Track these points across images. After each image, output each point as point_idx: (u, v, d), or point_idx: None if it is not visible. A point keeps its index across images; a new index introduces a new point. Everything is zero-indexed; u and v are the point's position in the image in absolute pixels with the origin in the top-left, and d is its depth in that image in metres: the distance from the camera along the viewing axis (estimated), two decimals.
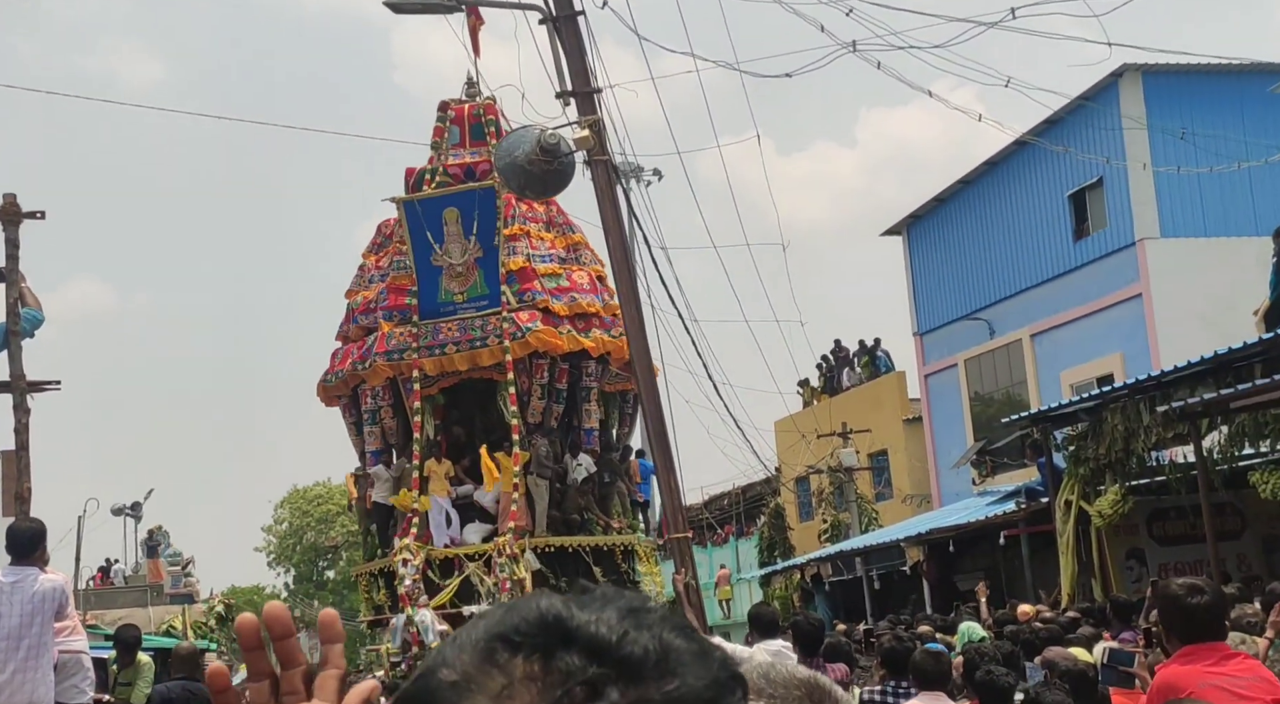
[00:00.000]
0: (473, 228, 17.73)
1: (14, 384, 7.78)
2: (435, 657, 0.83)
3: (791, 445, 31.20)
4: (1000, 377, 28.28)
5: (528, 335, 17.26)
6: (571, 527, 17.56)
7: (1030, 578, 17.77)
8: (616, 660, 0.79)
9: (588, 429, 18.20)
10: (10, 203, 7.90)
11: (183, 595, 30.03)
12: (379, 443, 18.55)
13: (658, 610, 0.85)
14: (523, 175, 10.64)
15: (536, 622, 0.81)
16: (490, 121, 18.93)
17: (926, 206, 30.22)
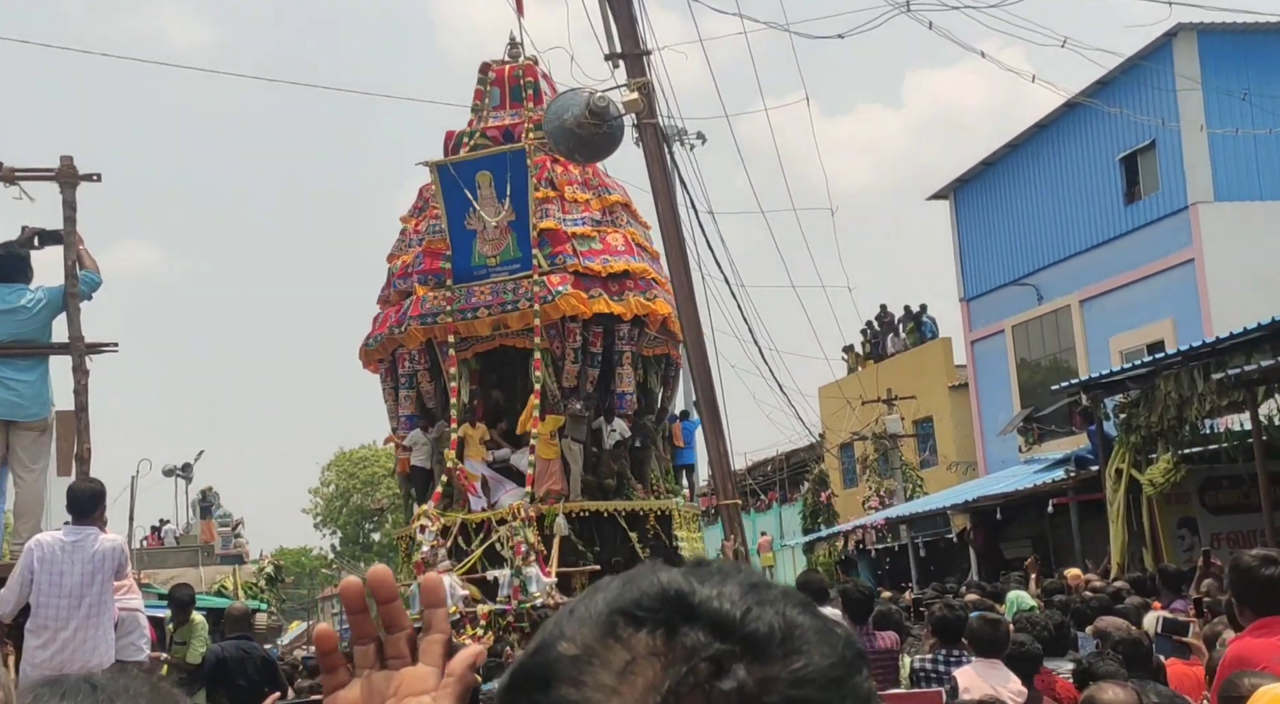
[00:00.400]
0: (505, 191, 17.60)
1: (73, 346, 7.84)
2: (552, 629, 0.82)
3: (836, 412, 31.09)
4: (1048, 343, 28.00)
5: (557, 299, 17.18)
6: (606, 491, 17.44)
7: (1079, 547, 17.64)
8: (741, 637, 0.78)
9: (621, 393, 18.03)
10: (67, 165, 7.94)
11: (232, 556, 30.44)
12: (414, 407, 18.58)
13: (779, 586, 0.83)
14: (572, 138, 10.60)
15: (658, 596, 0.80)
16: (530, 83, 18.78)
17: (974, 170, 29.87)
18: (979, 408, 30.22)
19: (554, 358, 17.65)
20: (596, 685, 0.77)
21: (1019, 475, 22.39)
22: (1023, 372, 28.61)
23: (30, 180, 8.07)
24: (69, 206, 8.01)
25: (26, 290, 7.87)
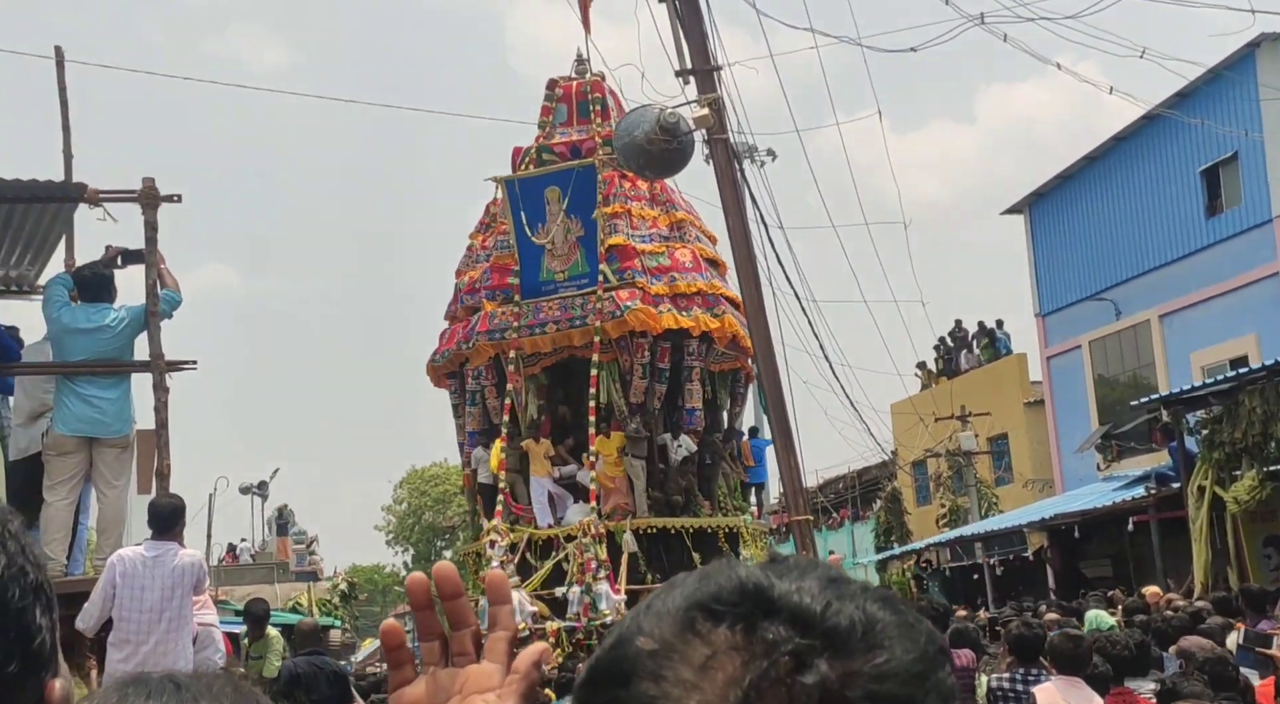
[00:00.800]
0: (574, 206, 17.61)
1: (153, 364, 7.98)
2: (629, 625, 0.81)
3: (909, 428, 30.79)
4: (1127, 359, 27.51)
5: (625, 314, 17.08)
6: (673, 508, 17.29)
7: (1161, 565, 17.28)
8: (822, 631, 0.76)
9: (690, 409, 17.92)
10: (149, 187, 8.10)
11: (307, 573, 30.79)
12: (479, 423, 18.53)
13: (858, 582, 0.82)
14: (642, 155, 10.61)
15: (737, 590, 0.78)
16: (597, 99, 18.80)
17: (1050, 184, 29.49)
18: (1055, 425, 29.76)
19: (621, 373, 17.58)
20: (676, 680, 0.76)
21: (1098, 493, 21.99)
22: (1100, 388, 28.14)
23: (113, 202, 8.24)
24: (150, 227, 8.17)
25: (110, 309, 8.04)
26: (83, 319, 7.91)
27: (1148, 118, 24.74)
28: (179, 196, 8.38)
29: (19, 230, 8.70)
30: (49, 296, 8.14)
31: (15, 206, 8.31)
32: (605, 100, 18.85)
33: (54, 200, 8.33)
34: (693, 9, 10.90)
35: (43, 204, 8.35)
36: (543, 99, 19.27)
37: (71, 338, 7.89)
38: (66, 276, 8.42)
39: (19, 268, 9.34)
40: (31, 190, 8.12)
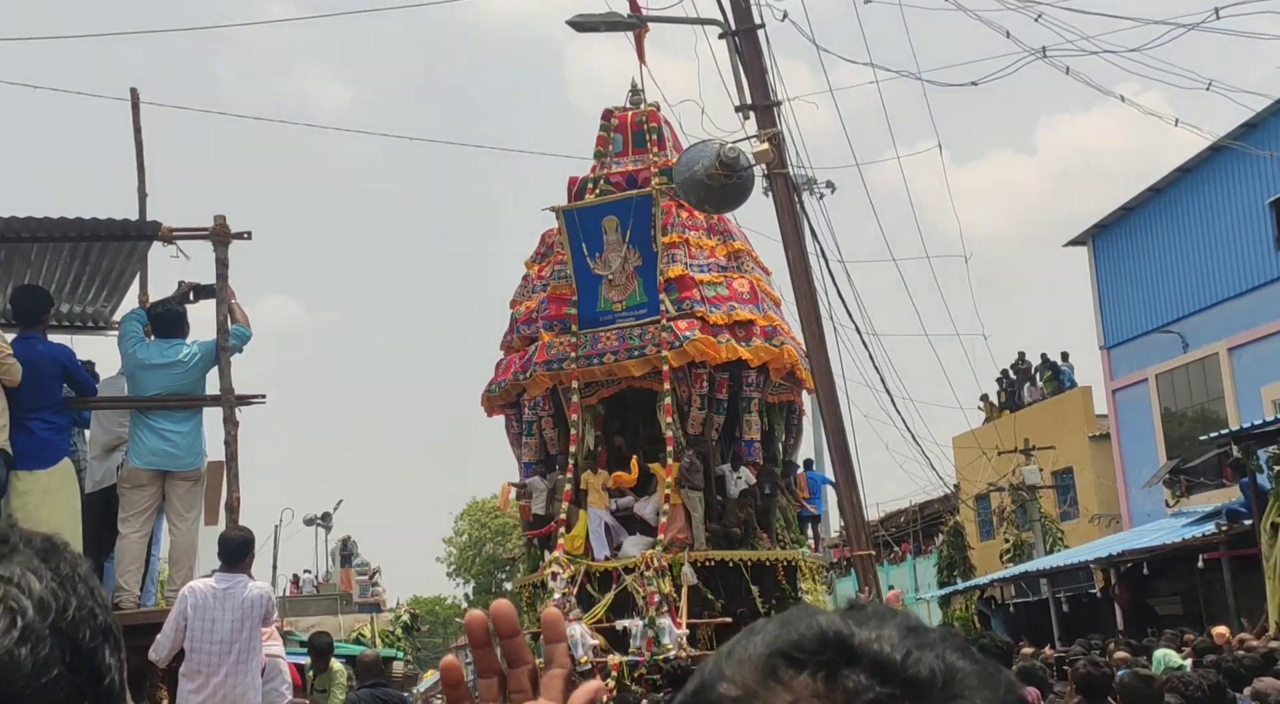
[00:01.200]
0: (632, 236, 17.57)
1: (224, 398, 8.13)
2: (711, 671, 0.82)
3: (971, 462, 30.45)
4: (1195, 392, 27.06)
5: (685, 344, 16.98)
6: (731, 540, 17.08)
7: (1233, 604, 16.93)
8: (903, 681, 0.77)
9: (748, 440, 17.77)
10: (221, 224, 8.27)
11: (370, 604, 30.97)
12: (535, 454, 18.46)
13: (937, 629, 0.83)
14: (702, 189, 10.66)
15: (818, 638, 0.80)
16: (653, 129, 18.76)
17: (1113, 215, 29.18)
18: (1122, 459, 29.31)
19: (679, 404, 17.46)
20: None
21: (1166, 529, 21.62)
22: (1168, 421, 27.69)
23: (186, 239, 8.42)
24: (221, 264, 8.33)
25: (183, 345, 8.20)
26: (157, 355, 8.08)
27: (1214, 149, 24.44)
28: (249, 234, 8.55)
29: (96, 268, 8.92)
30: (124, 332, 8.33)
31: (92, 245, 8.52)
32: (661, 130, 18.84)
33: (130, 238, 8.52)
34: (753, 45, 10.97)
35: (119, 242, 8.56)
36: (598, 129, 19.27)
37: (146, 373, 8.06)
38: (141, 312, 8.61)
39: (95, 304, 9.57)
40: (108, 229, 8.32)
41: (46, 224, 8.22)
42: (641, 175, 18.31)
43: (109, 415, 8.51)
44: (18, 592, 0.87)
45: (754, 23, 10.85)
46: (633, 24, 11.79)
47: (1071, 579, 23.64)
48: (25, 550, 0.91)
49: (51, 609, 0.87)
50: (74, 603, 0.89)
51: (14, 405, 7.55)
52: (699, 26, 11.57)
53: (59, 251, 8.59)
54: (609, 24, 11.76)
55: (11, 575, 0.88)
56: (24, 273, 8.81)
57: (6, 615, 0.85)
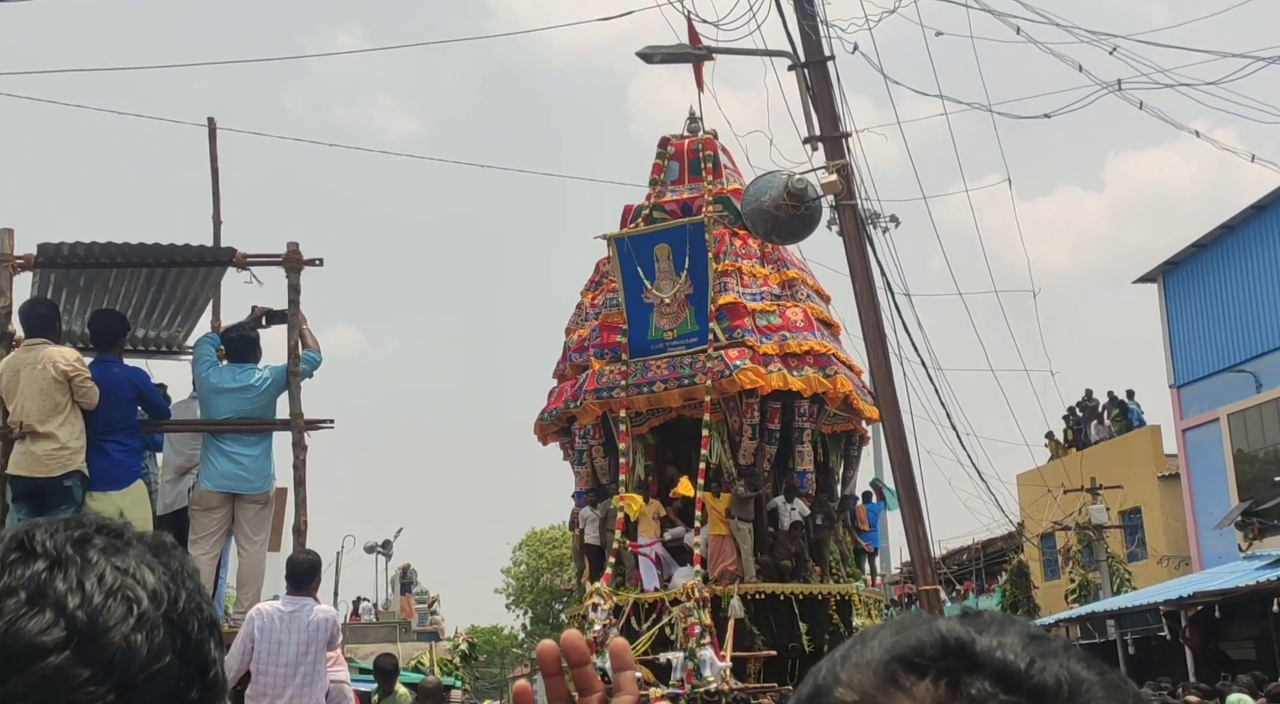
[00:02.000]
0: (684, 263, 17.34)
1: (293, 422, 8.21)
2: (826, 676, 0.81)
3: (1036, 500, 30.00)
4: (1269, 433, 26.51)
5: (735, 373, 16.69)
6: (782, 573, 16.73)
7: None
8: (1028, 690, 0.75)
9: (801, 471, 17.42)
10: (294, 251, 8.38)
11: (429, 632, 31.06)
12: (586, 483, 18.28)
13: (1059, 639, 0.81)
14: (769, 220, 10.64)
15: (939, 644, 0.78)
16: (709, 156, 18.55)
17: (1184, 253, 28.77)
18: (1192, 500, 28.74)
19: (730, 434, 17.23)
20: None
21: (1239, 572, 21.13)
22: (1240, 463, 27.13)
23: (259, 265, 8.54)
24: (293, 289, 8.43)
25: (255, 369, 8.30)
26: (229, 379, 8.19)
27: None
28: (320, 260, 8.64)
29: (171, 293, 9.06)
30: (198, 356, 8.45)
31: (169, 270, 8.67)
32: (717, 158, 18.64)
33: (205, 264, 8.65)
34: (822, 77, 10.96)
35: (194, 268, 8.69)
36: (654, 157, 19.12)
37: (218, 397, 8.17)
38: (215, 336, 8.74)
39: (169, 329, 9.72)
40: (185, 255, 8.46)
41: (125, 250, 8.38)
42: (696, 203, 18.17)
43: (181, 439, 8.62)
44: (134, 582, 0.91)
45: (824, 55, 10.85)
46: (701, 56, 11.83)
47: (1139, 621, 23.17)
48: (138, 546, 0.95)
49: (164, 600, 0.91)
50: (184, 596, 0.93)
51: (90, 427, 7.67)
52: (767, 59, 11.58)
53: (136, 277, 8.74)
54: (677, 56, 11.82)
55: (127, 567, 0.92)
56: (102, 298, 8.97)
57: (124, 604, 0.89)
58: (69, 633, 0.86)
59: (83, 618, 0.87)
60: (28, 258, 8.28)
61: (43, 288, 8.73)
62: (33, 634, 0.86)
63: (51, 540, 0.92)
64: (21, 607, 0.87)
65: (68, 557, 0.91)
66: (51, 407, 7.52)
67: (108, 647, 0.87)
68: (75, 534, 0.93)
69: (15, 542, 0.92)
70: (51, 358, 7.57)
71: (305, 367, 8.32)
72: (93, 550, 0.92)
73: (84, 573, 0.90)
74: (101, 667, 0.86)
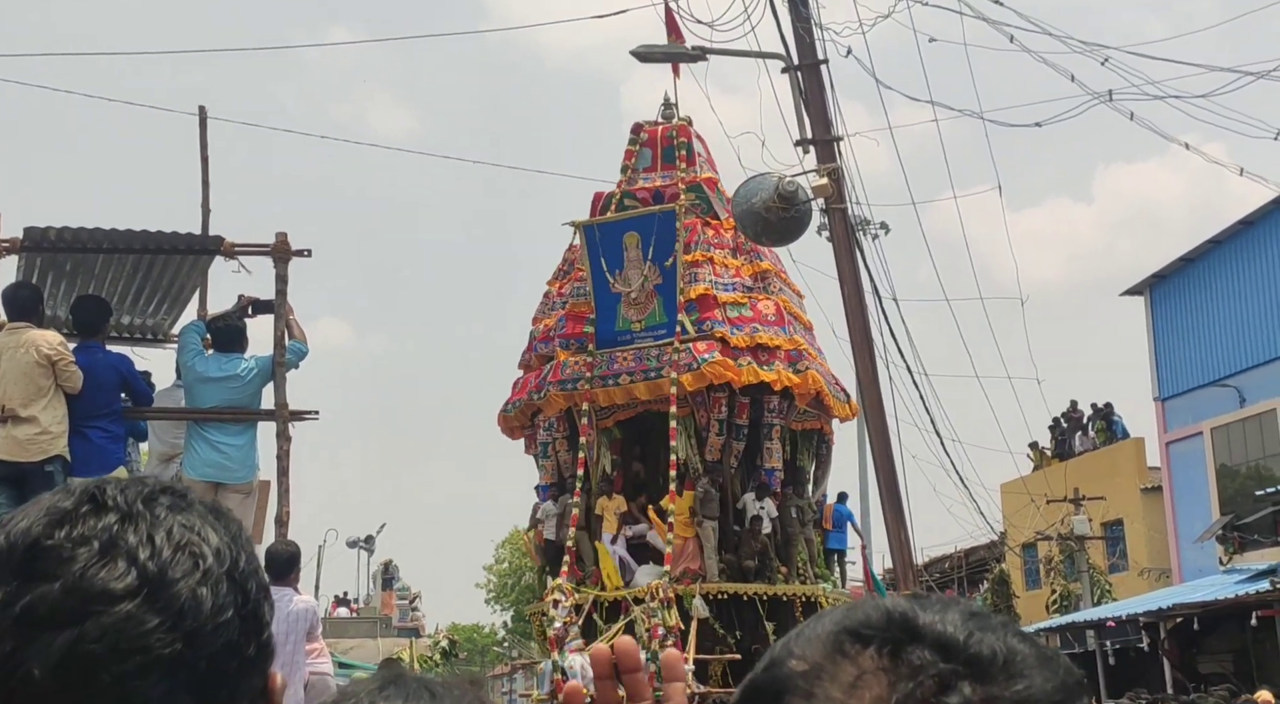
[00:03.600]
0: (653, 253, 16.80)
1: (278, 412, 8.19)
2: (781, 649, 0.86)
3: (1019, 509, 30.07)
4: (1251, 448, 26.63)
5: (702, 367, 16.15)
6: (746, 573, 16.28)
7: None
8: (965, 658, 0.80)
9: (770, 469, 16.87)
10: (282, 241, 8.36)
11: (409, 629, 31.02)
12: (550, 477, 17.66)
13: (999, 617, 0.86)
14: (759, 222, 10.66)
15: (884, 617, 0.83)
16: (682, 143, 17.93)
17: (1172, 266, 28.89)
18: (1174, 513, 28.86)
19: (698, 429, 16.73)
20: (826, 698, 0.81)
21: (1219, 585, 21.22)
22: (1222, 476, 27.25)
23: (248, 255, 8.51)
24: (281, 280, 8.40)
25: (241, 359, 8.28)
26: (215, 368, 8.17)
27: (1278, 203, 24.14)
28: (309, 251, 8.62)
29: (158, 281, 9.03)
30: (184, 344, 8.42)
31: (156, 258, 8.64)
32: (691, 145, 18.04)
33: (193, 252, 8.62)
34: (815, 80, 10.98)
35: (181, 256, 8.67)
36: (627, 143, 18.44)
37: (204, 386, 8.14)
38: (201, 324, 8.71)
39: (155, 317, 9.68)
40: (172, 242, 8.43)
41: (112, 235, 8.35)
42: (669, 191, 17.56)
43: (165, 427, 8.60)
44: (199, 539, 0.95)
45: (817, 58, 10.86)
46: (696, 56, 11.84)
47: (1119, 632, 23.23)
48: (200, 507, 0.99)
49: (227, 559, 0.96)
50: (243, 557, 0.98)
51: (73, 413, 7.65)
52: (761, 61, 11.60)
53: (123, 263, 8.71)
54: (672, 56, 11.82)
55: (192, 525, 0.96)
56: (88, 283, 8.94)
57: (190, 558, 0.93)
58: (140, 582, 0.90)
59: (153, 569, 0.91)
60: (14, 241, 8.25)
61: (28, 272, 8.69)
62: (106, 581, 0.90)
63: (122, 496, 0.96)
64: (94, 556, 0.91)
65: (138, 512, 0.95)
66: (34, 391, 7.48)
67: (176, 597, 0.91)
68: (144, 491, 0.97)
69: (87, 495, 0.96)
70: (35, 341, 7.54)
71: (291, 357, 8.30)
72: (160, 508, 0.96)
73: (154, 527, 0.94)
74: (170, 616, 0.90)
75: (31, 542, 0.92)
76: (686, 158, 17.87)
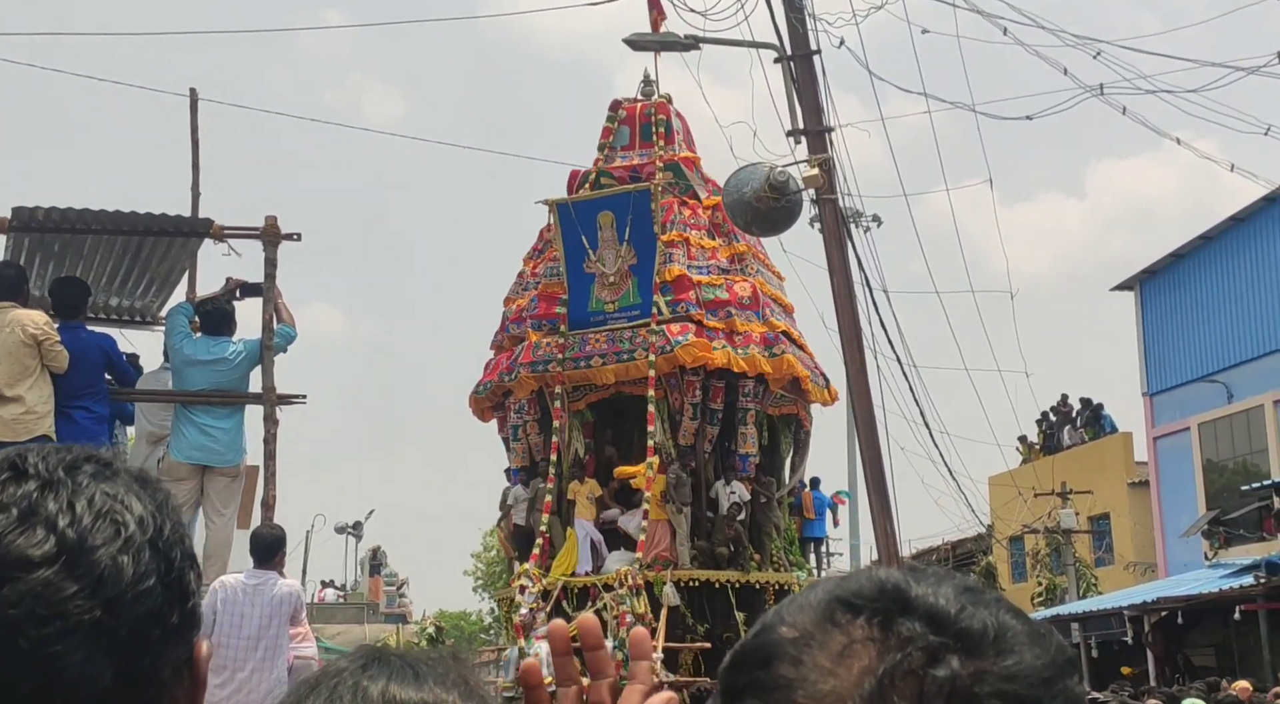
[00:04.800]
0: (627, 233, 16.39)
1: (265, 396, 8.20)
2: (772, 616, 0.87)
3: (1007, 503, 30.17)
4: (1238, 443, 26.72)
5: (675, 349, 15.74)
6: (718, 560, 15.94)
7: (1269, 657, 16.67)
8: (955, 632, 0.80)
9: (743, 454, 16.49)
10: (272, 224, 8.35)
11: (396, 615, 31.05)
12: (521, 461, 17.30)
13: (992, 593, 0.86)
14: (750, 212, 10.65)
15: (877, 588, 0.83)
16: (661, 121, 17.47)
17: (1162, 262, 28.95)
18: (1160, 507, 28.97)
19: (671, 413, 16.33)
20: (814, 665, 0.81)
21: (1203, 580, 21.33)
22: (1209, 472, 27.35)
23: (237, 238, 8.50)
24: (270, 264, 8.40)
25: (229, 343, 8.28)
26: (203, 351, 8.16)
27: (1268, 199, 24.19)
28: (299, 235, 8.61)
29: (146, 263, 9.01)
30: (171, 327, 8.41)
31: (144, 240, 8.61)
32: (670, 123, 17.60)
33: (181, 235, 8.60)
34: (807, 70, 10.98)
35: (170, 238, 8.64)
36: (605, 121, 17.99)
37: (192, 369, 8.14)
38: (188, 306, 8.70)
39: (143, 299, 9.66)
40: (161, 224, 8.41)
41: (100, 217, 8.33)
42: (646, 170, 17.12)
43: (152, 409, 8.59)
44: (121, 507, 0.95)
45: (810, 48, 10.86)
46: (688, 45, 11.82)
47: (1104, 625, 23.34)
48: (125, 475, 1.00)
49: (150, 527, 0.96)
50: (168, 526, 0.98)
51: (57, 393, 7.63)
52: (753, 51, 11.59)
53: (111, 245, 8.69)
54: (665, 44, 11.81)
55: (115, 493, 0.96)
56: (76, 264, 8.91)
57: (112, 526, 0.94)
58: (59, 549, 0.91)
59: (72, 536, 0.91)
60: (1, 221, 8.22)
61: (16, 252, 8.67)
62: (24, 548, 0.90)
63: (44, 463, 0.96)
64: (13, 523, 0.91)
65: (59, 479, 0.95)
66: (20, 370, 7.47)
67: (96, 565, 0.91)
68: (66, 459, 0.97)
69: (8, 463, 0.96)
70: (20, 321, 7.52)
71: (279, 341, 8.30)
72: (83, 475, 0.96)
73: (74, 495, 0.94)
74: (89, 583, 0.90)
75: None
76: (665, 136, 17.44)
